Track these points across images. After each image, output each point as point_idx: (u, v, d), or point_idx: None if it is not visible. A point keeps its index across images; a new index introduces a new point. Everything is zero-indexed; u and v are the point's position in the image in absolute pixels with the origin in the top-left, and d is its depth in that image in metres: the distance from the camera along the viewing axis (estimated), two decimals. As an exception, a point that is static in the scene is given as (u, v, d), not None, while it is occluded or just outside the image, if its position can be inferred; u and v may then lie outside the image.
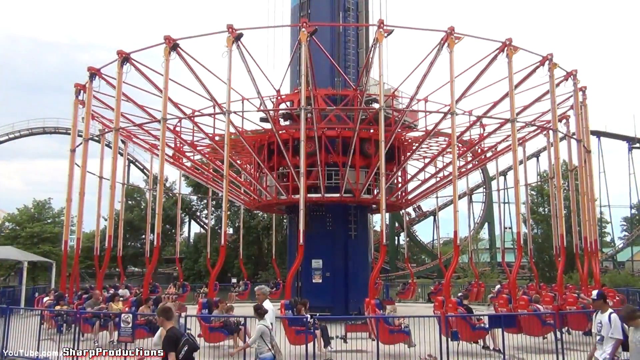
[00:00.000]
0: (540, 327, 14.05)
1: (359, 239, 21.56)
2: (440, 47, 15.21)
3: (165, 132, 15.36)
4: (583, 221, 18.20)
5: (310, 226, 20.55)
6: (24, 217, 44.36)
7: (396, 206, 23.26)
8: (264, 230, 45.96)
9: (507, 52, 15.53)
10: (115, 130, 16.20)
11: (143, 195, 49.90)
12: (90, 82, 17.72)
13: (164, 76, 15.26)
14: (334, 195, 20.47)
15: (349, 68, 20.16)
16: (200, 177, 25.97)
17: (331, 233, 20.99)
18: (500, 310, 14.45)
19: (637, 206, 56.56)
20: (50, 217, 45.79)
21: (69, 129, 36.49)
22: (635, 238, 53.77)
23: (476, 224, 51.45)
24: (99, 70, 17.72)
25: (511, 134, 15.68)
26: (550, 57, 16.54)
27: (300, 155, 14.64)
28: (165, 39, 15.21)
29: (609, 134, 53.84)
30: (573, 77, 18.17)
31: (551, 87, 16.70)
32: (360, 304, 21.41)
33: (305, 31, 14.35)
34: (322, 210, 21.00)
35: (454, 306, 13.35)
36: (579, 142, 18.10)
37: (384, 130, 14.89)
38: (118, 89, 16.29)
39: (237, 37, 14.67)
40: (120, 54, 16.20)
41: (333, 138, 20.79)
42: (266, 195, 21.41)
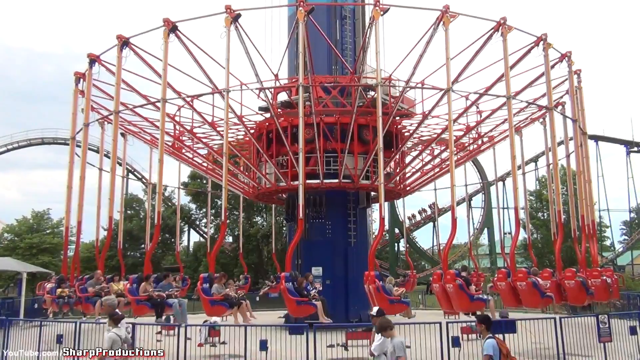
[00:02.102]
0: (539, 298, 14.17)
1: (359, 246, 21.57)
2: (435, 27, 15.40)
3: (165, 114, 15.50)
4: (580, 201, 18.33)
5: (309, 234, 20.98)
6: (22, 228, 43.99)
7: (395, 193, 23.32)
8: (264, 238, 45.69)
9: (502, 31, 15.72)
10: (115, 112, 16.35)
11: (142, 205, 49.64)
12: (90, 68, 17.89)
13: (163, 58, 15.43)
14: (333, 181, 20.65)
15: (347, 51, 20.37)
16: (199, 167, 26.06)
17: (331, 241, 21.06)
18: (499, 284, 14.50)
19: (636, 210, 56.58)
20: (49, 228, 45.37)
21: (67, 140, 36.48)
22: (634, 242, 53.67)
23: (476, 229, 51.40)
24: (98, 57, 17.89)
25: (507, 113, 15.81)
26: (545, 37, 16.73)
27: (300, 125, 14.73)
28: (164, 21, 15.42)
29: (606, 137, 53.88)
30: (568, 58, 18.36)
31: (546, 67, 16.87)
32: (361, 311, 21.55)
33: (302, 10, 14.53)
34: (321, 217, 21.13)
35: (452, 277, 13.43)
36: (574, 122, 18.28)
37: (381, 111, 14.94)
38: (118, 72, 16.46)
39: (235, 17, 14.86)
40: (120, 38, 16.40)
41: (331, 125, 20.98)
42: (266, 182, 21.54)
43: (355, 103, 18.66)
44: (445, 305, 13.93)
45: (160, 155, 15.10)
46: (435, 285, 14.04)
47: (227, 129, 15.02)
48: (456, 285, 13.24)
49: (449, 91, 14.78)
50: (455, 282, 13.27)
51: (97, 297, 15.06)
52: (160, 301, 13.89)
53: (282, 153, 21.43)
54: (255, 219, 48.75)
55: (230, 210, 46.79)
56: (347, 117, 19.95)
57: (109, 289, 15.31)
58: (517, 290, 14.30)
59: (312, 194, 20.98)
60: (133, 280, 14.26)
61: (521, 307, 15.18)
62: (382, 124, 15.77)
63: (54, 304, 16.58)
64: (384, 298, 12.93)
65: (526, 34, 16.75)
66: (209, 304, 13.15)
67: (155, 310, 13.87)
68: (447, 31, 14.96)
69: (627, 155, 54.84)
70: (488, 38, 16.12)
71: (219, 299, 13.18)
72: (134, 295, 13.77)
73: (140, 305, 13.78)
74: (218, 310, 13.25)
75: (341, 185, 20.58)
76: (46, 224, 45.67)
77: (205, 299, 13.13)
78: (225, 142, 14.93)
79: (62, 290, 16.49)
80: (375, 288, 12.84)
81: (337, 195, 21.43)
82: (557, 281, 15.38)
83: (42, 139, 51.44)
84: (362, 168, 20.50)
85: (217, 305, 13.20)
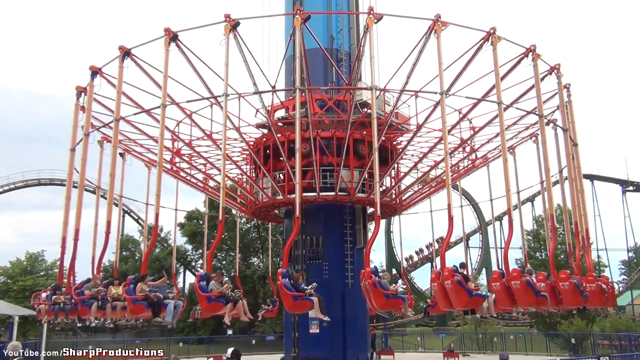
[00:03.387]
0: (534, 297, 14.24)
1: (356, 287, 20.84)
2: (428, 35, 15.94)
3: (164, 119, 15.83)
4: (573, 210, 18.56)
5: (306, 275, 20.88)
6: (16, 270, 43.66)
7: (391, 208, 23.53)
8: (260, 279, 45.48)
9: (492, 40, 16.27)
10: (116, 120, 16.68)
11: (137, 247, 49.35)
12: (92, 80, 18.32)
13: (164, 65, 15.86)
14: (329, 194, 20.92)
15: (342, 62, 20.97)
16: (196, 186, 26.30)
17: (327, 282, 20.97)
18: (493, 285, 14.56)
19: (634, 249, 56.45)
20: (43, 270, 45.18)
21: (64, 180, 36.55)
22: (634, 282, 53.35)
23: (474, 269, 51.22)
24: (100, 69, 18.34)
25: (499, 119, 16.18)
26: (534, 47, 17.31)
27: (296, 135, 15.03)
28: (165, 30, 15.92)
29: (602, 177, 54.24)
30: (557, 70, 18.90)
31: (536, 77, 17.38)
32: (359, 354, 21.41)
33: (299, 18, 15.05)
34: (318, 258, 21.26)
35: (450, 273, 13.45)
36: (565, 132, 18.67)
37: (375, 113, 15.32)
38: (119, 80, 16.85)
39: (234, 25, 15.37)
40: (122, 49, 16.88)
41: (327, 140, 21.40)
42: (263, 196, 21.77)
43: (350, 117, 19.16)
44: (444, 304, 13.92)
45: (160, 156, 15.34)
46: (433, 284, 14.05)
47: (225, 133, 15.27)
48: (454, 281, 13.26)
49: (443, 94, 15.15)
50: (454, 278, 13.31)
51: (94, 299, 15.08)
52: (157, 301, 13.92)
53: (279, 168, 21.80)
54: (252, 260, 48.67)
55: (227, 250, 46.81)
56: (343, 132, 20.41)
57: (106, 292, 15.32)
58: (511, 290, 14.39)
59: (310, 234, 21.42)
60: (130, 281, 14.28)
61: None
62: (377, 135, 16.05)
63: (49, 311, 16.51)
64: (380, 293, 12.97)
65: (516, 45, 17.32)
66: (206, 300, 13.16)
67: (152, 309, 13.87)
68: (439, 38, 15.48)
69: (623, 194, 54.99)
70: (479, 48, 16.67)
71: (216, 296, 13.20)
72: (131, 295, 13.79)
73: (137, 305, 13.79)
74: (215, 307, 13.25)
75: (337, 198, 20.85)
76: (40, 266, 45.45)
77: (203, 296, 13.14)
78: (224, 145, 15.20)
79: (58, 297, 16.47)
80: (372, 283, 12.90)
81: (334, 234, 21.73)
82: (552, 284, 15.45)
83: (39, 179, 51.53)
84: (357, 181, 20.82)
85: (214, 302, 13.21)
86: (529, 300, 14.22)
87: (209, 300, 13.19)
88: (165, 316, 14.11)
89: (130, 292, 13.87)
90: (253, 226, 48.96)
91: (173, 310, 14.31)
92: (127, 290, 13.97)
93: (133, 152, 25.14)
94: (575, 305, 15.44)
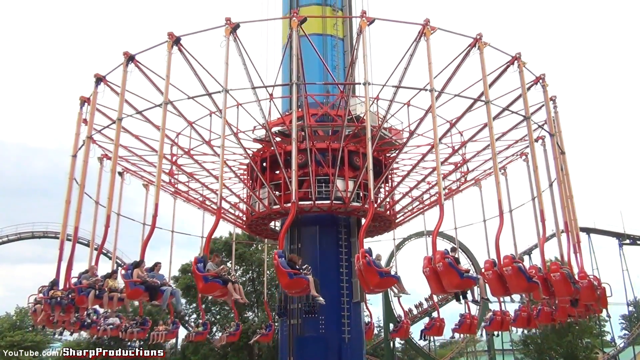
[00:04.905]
0: (525, 283, 14.49)
1: (354, 342, 21.32)
2: (418, 40, 16.82)
3: (166, 116, 16.42)
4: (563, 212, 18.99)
5: (302, 330, 21.13)
6: (5, 325, 43.14)
7: (385, 220, 23.87)
8: (255, 334, 45.08)
9: (479, 45, 17.15)
10: (118, 120, 17.28)
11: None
12: (96, 87, 19.03)
13: (166, 67, 16.62)
14: (325, 202, 21.35)
15: (337, 67, 21.86)
16: (194, 201, 26.69)
17: (324, 337, 20.90)
18: (486, 273, 14.82)
19: (634, 303, 56.07)
20: (32, 325, 43.65)
21: (57, 233, 36.53)
22: (636, 337, 52.64)
23: None
24: (104, 77, 19.08)
25: (487, 118, 16.81)
26: (519, 55, 18.20)
27: (293, 145, 15.64)
28: (168, 35, 16.78)
29: (598, 230, 54.34)
30: (542, 80, 19.74)
31: (521, 80, 18.13)
32: None
33: (295, 19, 15.93)
34: (314, 311, 20.86)
35: (442, 256, 13.75)
36: (552, 137, 19.34)
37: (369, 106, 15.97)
38: (123, 84, 17.55)
39: (234, 27, 16.23)
40: (126, 54, 17.69)
41: (323, 151, 21.99)
42: (259, 206, 22.16)
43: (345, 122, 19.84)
44: (436, 289, 14.13)
45: (160, 150, 15.83)
46: (425, 270, 14.29)
47: (224, 127, 15.85)
48: (446, 262, 13.56)
49: (433, 91, 15.86)
50: (445, 260, 13.62)
51: (91, 288, 15.25)
52: (154, 285, 14.11)
53: (276, 179, 22.31)
54: (247, 314, 47.88)
55: (221, 305, 46.39)
56: (338, 144, 21.05)
57: (103, 282, 15.51)
58: (504, 277, 14.66)
59: None
60: (128, 267, 14.50)
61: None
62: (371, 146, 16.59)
63: (46, 306, 16.60)
64: (374, 272, 13.20)
65: (502, 52, 18.20)
66: (203, 280, 13.38)
67: (149, 293, 14.05)
68: (428, 41, 16.34)
69: (620, 247, 54.84)
70: (467, 54, 17.54)
71: (213, 276, 13.43)
72: (128, 279, 13.99)
73: (134, 289, 13.96)
74: (212, 287, 13.45)
75: (332, 207, 21.25)
76: (30, 321, 43.67)
77: (199, 276, 13.36)
78: (222, 138, 15.74)
79: (54, 291, 16.59)
80: (366, 262, 13.15)
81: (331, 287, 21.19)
82: (544, 276, 15.71)
83: (32, 232, 51.11)
84: (352, 190, 21.30)
85: (211, 282, 13.42)
86: (521, 286, 14.47)
87: (206, 280, 13.42)
88: (161, 302, 14.28)
89: (128, 276, 14.06)
90: (248, 279, 48.49)
91: (170, 298, 14.49)
92: (125, 275, 14.16)
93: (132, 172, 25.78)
94: (567, 295, 15.64)
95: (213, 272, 13.47)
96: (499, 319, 25.88)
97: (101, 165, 24.28)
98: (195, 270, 13.49)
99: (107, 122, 20.79)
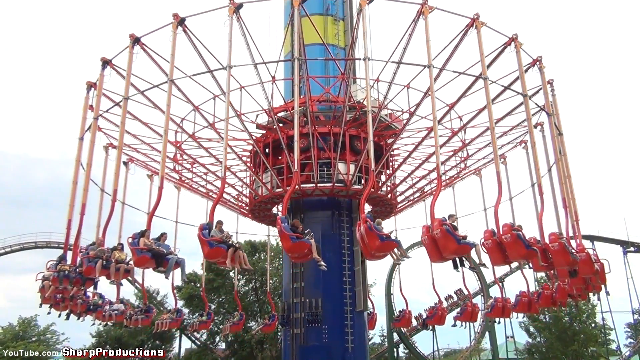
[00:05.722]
0: (524, 249, 14.74)
1: (357, 351, 21.55)
2: (416, 19, 17.24)
3: (171, 93, 16.84)
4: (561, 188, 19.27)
5: (305, 339, 21.47)
6: (7, 335, 42.87)
7: (387, 204, 24.22)
8: (258, 344, 45.07)
9: (476, 25, 17.55)
10: (125, 98, 17.70)
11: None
12: (102, 70, 19.48)
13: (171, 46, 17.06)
14: (327, 184, 21.74)
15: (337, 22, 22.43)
16: (197, 191, 27.08)
17: (327, 346, 21.18)
18: (485, 243, 15.07)
19: (639, 312, 55.61)
20: (35, 335, 44.50)
21: (61, 244, 36.67)
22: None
23: (477, 333, 50.53)
24: (110, 61, 19.53)
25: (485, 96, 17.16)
26: (516, 36, 18.59)
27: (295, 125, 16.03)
28: (173, 15, 17.25)
29: (602, 238, 54.11)
30: (539, 62, 20.11)
31: (519, 62, 18.48)
32: None
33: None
34: (318, 320, 21.29)
35: (439, 223, 14.04)
36: (549, 116, 19.67)
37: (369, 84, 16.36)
38: (129, 65, 17.98)
39: (237, 7, 16.69)
40: (132, 36, 18.16)
41: (325, 136, 22.40)
42: (262, 190, 22.55)
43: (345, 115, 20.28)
44: (434, 256, 14.39)
45: (166, 124, 16.23)
46: (424, 238, 14.55)
47: (228, 102, 16.26)
48: (443, 229, 13.83)
49: (431, 67, 16.24)
50: (443, 227, 13.91)
51: (99, 259, 15.60)
52: (160, 252, 14.44)
53: (279, 164, 22.74)
54: (250, 323, 47.57)
55: (224, 314, 46.64)
56: (339, 128, 21.45)
57: (111, 254, 15.86)
58: (503, 245, 14.93)
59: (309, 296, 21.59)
60: (135, 236, 14.84)
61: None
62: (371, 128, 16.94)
63: (54, 279, 16.93)
64: (374, 236, 13.48)
65: (499, 33, 18.61)
66: (208, 245, 13.70)
67: (155, 260, 14.38)
68: (426, 19, 16.74)
69: (624, 255, 54.53)
70: (464, 34, 17.95)
71: (217, 241, 13.77)
72: (135, 247, 14.32)
73: (141, 256, 14.29)
74: (217, 252, 13.77)
75: (334, 188, 21.62)
76: (32, 331, 44.68)
77: (204, 241, 13.67)
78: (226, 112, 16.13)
79: (62, 265, 16.95)
80: (367, 227, 13.45)
81: (334, 296, 21.88)
82: (542, 247, 15.96)
83: (35, 242, 51.15)
84: (353, 173, 21.69)
85: (216, 247, 13.75)
86: (520, 253, 14.70)
87: (211, 245, 13.75)
88: (166, 269, 14.60)
89: (135, 244, 14.40)
90: (251, 289, 48.60)
91: (174, 266, 14.82)
92: (131, 243, 14.49)
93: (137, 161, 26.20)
94: (566, 264, 15.84)
95: (217, 237, 13.80)
96: (500, 305, 26.13)
97: (106, 154, 24.72)
98: (201, 236, 13.80)
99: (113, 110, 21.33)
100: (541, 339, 48.05)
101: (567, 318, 46.53)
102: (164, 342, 46.16)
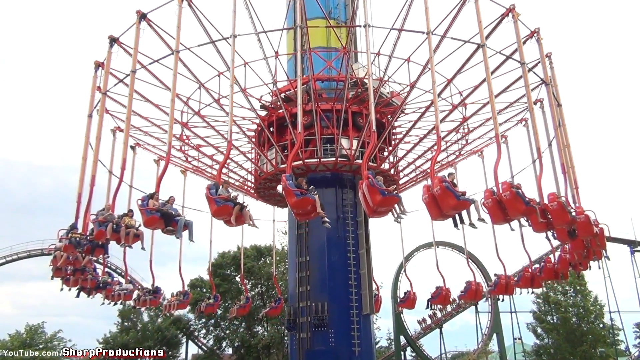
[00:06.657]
0: (523, 206, 15.07)
1: (364, 356, 21.65)
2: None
3: (177, 65, 17.30)
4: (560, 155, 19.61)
5: (312, 343, 21.66)
6: (15, 342, 42.82)
7: (390, 181, 24.59)
8: (265, 349, 44.76)
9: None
10: (132, 72, 18.18)
11: (140, 316, 49.01)
12: (110, 48, 19.98)
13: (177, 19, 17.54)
14: (330, 159, 22.16)
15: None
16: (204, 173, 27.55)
17: (333, 350, 21.34)
18: (485, 202, 15.40)
19: None
20: (42, 342, 44.40)
21: None
22: None
23: (484, 335, 50.49)
24: (117, 39, 20.03)
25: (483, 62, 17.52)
26: (513, 6, 18.97)
27: (298, 82, 16.46)
28: (177, -10, 17.78)
29: (609, 237, 53.25)
30: (537, 34, 20.48)
31: (516, 32, 18.82)
32: None
33: (299, -31, 16.86)
34: (324, 325, 21.40)
35: (439, 180, 14.39)
36: (547, 86, 20.02)
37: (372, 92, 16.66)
38: (135, 42, 18.46)
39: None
40: (139, 12, 18.67)
41: (328, 112, 22.84)
42: (267, 165, 23.00)
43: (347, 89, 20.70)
44: (435, 214, 14.73)
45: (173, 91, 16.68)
46: (424, 197, 14.87)
47: (232, 72, 16.71)
48: (443, 186, 14.15)
49: (430, 34, 16.63)
50: (442, 184, 14.26)
51: (109, 222, 16.06)
52: (169, 213, 14.88)
53: (282, 142, 23.18)
54: (256, 329, 47.91)
55: (230, 320, 46.94)
56: (341, 104, 21.91)
57: (121, 219, 16.32)
58: (502, 203, 15.26)
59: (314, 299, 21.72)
60: (144, 199, 15.28)
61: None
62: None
63: (66, 247, 17.39)
64: (376, 191, 13.85)
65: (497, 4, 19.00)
66: (215, 203, 14.12)
67: (164, 220, 14.82)
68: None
69: (632, 254, 54.09)
70: (462, 4, 18.34)
71: (224, 199, 14.19)
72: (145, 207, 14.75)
73: (150, 217, 14.72)
74: (224, 210, 14.18)
75: (338, 163, 22.05)
76: (40, 338, 44.67)
77: (212, 199, 14.09)
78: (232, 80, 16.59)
79: (74, 233, 17.42)
80: (369, 183, 13.83)
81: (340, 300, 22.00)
82: (541, 208, 16.28)
83: (42, 250, 51.28)
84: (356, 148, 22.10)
85: (223, 204, 14.17)
86: (519, 209, 15.00)
87: (218, 203, 14.17)
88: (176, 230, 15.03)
89: (144, 205, 14.83)
90: (257, 293, 48.48)
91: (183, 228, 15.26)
92: (141, 204, 14.93)
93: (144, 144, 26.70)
94: (564, 223, 16.16)
95: (224, 195, 14.22)
96: (503, 282, 26.45)
97: (114, 137, 25.24)
98: (208, 194, 14.23)
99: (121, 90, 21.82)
100: (549, 340, 47.92)
101: (574, 319, 46.41)
102: (170, 347, 46.27)
